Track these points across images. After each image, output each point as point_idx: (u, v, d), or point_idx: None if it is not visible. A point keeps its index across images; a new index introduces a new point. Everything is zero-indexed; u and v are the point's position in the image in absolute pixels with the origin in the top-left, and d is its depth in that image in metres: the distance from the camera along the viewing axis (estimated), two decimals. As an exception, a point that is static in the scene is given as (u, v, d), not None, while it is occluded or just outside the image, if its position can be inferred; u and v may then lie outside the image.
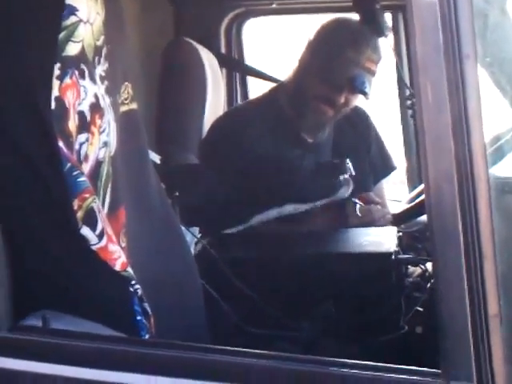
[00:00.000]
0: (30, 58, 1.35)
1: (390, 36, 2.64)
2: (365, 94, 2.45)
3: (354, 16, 2.51)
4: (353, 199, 2.38)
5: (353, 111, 2.56)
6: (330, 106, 2.46)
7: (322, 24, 2.54)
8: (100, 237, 1.37)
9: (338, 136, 2.63)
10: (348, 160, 2.28)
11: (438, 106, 1.07)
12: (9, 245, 1.37)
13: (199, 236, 2.05)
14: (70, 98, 1.35)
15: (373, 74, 2.45)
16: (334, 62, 2.42)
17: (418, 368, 1.15)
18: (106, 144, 1.41)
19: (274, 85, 2.78)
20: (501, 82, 1.82)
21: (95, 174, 1.39)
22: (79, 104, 1.37)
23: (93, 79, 1.40)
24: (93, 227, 1.36)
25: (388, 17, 2.93)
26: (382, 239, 2.08)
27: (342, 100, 2.44)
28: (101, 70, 1.43)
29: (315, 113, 2.49)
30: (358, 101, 2.53)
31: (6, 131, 1.36)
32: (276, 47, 4.63)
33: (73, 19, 1.36)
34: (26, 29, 1.36)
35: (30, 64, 1.35)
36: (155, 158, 2.11)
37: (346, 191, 2.29)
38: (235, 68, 3.30)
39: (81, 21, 1.36)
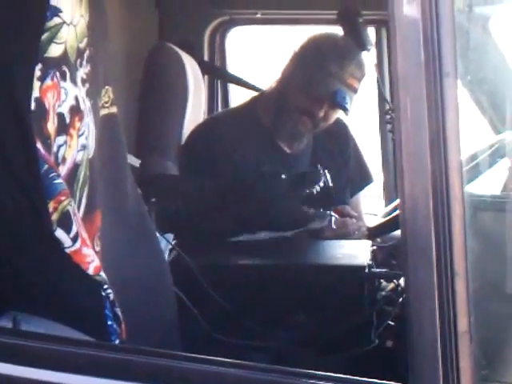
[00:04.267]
0: (11, 58, 1.35)
1: (373, 50, 2.65)
2: (345, 109, 2.46)
3: (341, 31, 2.52)
4: (328, 212, 2.38)
5: (333, 122, 2.57)
6: (309, 118, 2.48)
7: (309, 37, 2.55)
8: (74, 240, 1.36)
9: (317, 147, 2.63)
10: (322, 168, 2.27)
11: (417, 122, 1.08)
12: None
13: (174, 243, 2.05)
14: (50, 100, 1.34)
15: (354, 90, 2.47)
16: (316, 76, 2.43)
17: (387, 382, 1.15)
18: (84, 147, 1.41)
19: (255, 93, 2.79)
20: (480, 101, 1.84)
21: (72, 176, 1.38)
22: (59, 106, 1.36)
23: (74, 81, 1.39)
24: (67, 230, 1.35)
25: (371, 31, 2.95)
26: (355, 252, 2.09)
27: (322, 114, 2.46)
28: (82, 72, 1.42)
29: (294, 124, 2.50)
30: (339, 114, 2.55)
31: None
32: (259, 57, 4.65)
33: (56, 20, 1.35)
34: (7, 29, 1.35)
35: (11, 64, 1.34)
36: (135, 161, 2.11)
37: (319, 224, 2.28)
38: (217, 75, 3.31)
39: (64, 22, 1.36)
